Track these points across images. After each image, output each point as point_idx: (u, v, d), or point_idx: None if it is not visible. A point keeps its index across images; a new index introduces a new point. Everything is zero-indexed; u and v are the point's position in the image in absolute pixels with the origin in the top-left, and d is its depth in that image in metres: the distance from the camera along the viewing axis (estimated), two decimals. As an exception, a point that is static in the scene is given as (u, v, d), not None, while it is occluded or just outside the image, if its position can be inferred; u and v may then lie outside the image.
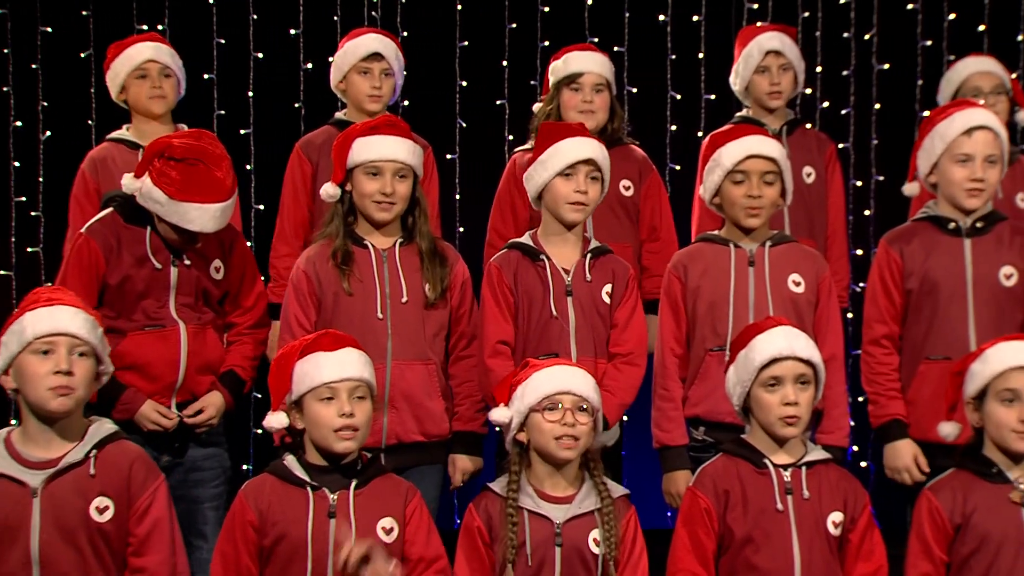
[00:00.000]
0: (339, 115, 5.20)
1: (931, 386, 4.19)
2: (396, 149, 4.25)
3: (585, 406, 3.74)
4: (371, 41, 5.11)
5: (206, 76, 6.13)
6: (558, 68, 5.12)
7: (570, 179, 4.26)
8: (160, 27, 6.05)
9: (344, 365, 3.72)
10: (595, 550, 3.72)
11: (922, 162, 4.33)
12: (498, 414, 3.82)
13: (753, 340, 3.77)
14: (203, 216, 4.14)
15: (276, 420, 3.77)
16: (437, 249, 4.32)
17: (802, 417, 3.72)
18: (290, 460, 3.76)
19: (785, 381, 3.72)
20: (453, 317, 4.33)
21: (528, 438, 3.77)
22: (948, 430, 3.85)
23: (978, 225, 4.28)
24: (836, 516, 3.74)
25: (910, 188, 4.48)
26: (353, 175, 4.26)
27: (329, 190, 4.30)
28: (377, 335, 4.15)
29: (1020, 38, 6.20)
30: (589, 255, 4.32)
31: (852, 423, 5.81)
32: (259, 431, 5.81)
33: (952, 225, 4.29)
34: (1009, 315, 4.23)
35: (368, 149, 4.24)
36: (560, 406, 3.72)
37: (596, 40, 6.01)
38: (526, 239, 4.36)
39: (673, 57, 6.34)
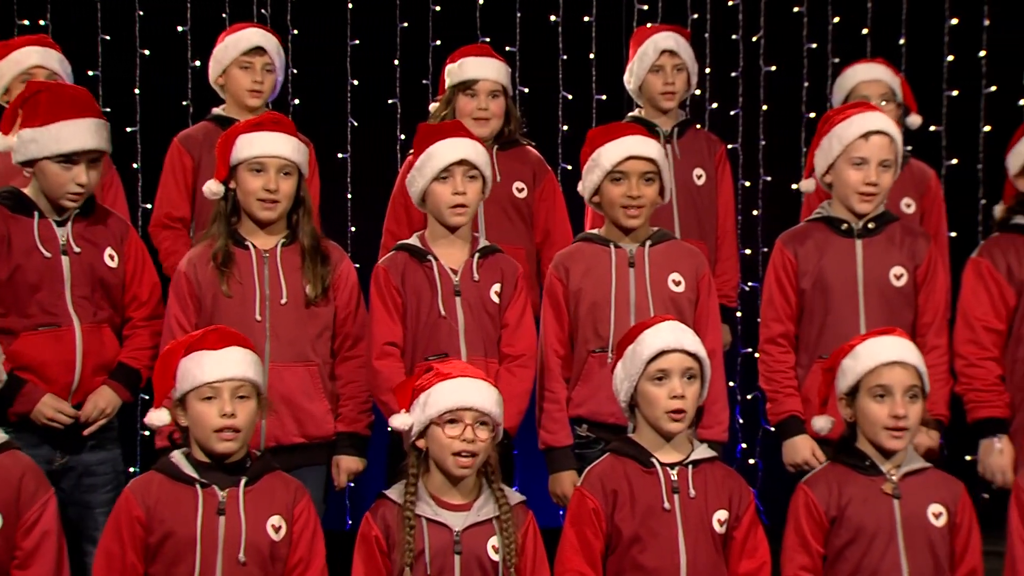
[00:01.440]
0: (218, 110, 5.12)
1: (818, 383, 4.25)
2: (281, 146, 4.22)
3: (486, 420, 3.72)
4: (252, 35, 5.05)
5: (91, 73, 6.02)
6: (454, 72, 5.10)
7: (447, 182, 4.26)
8: (42, 22, 5.93)
9: (227, 364, 3.69)
10: (494, 557, 3.71)
11: (819, 161, 4.39)
12: (399, 420, 3.78)
13: (641, 335, 3.80)
14: (78, 132, 4.12)
15: (157, 417, 3.74)
16: (319, 247, 4.28)
17: (688, 412, 3.76)
18: (178, 457, 3.72)
19: (672, 374, 3.75)
20: (338, 317, 4.30)
21: (427, 447, 3.75)
22: (821, 424, 3.92)
23: (870, 226, 4.35)
24: (721, 514, 3.77)
25: (806, 185, 4.54)
26: (237, 172, 4.22)
27: (212, 187, 4.25)
28: (256, 337, 4.10)
29: (902, 41, 6.32)
30: (477, 255, 4.32)
31: (740, 420, 5.91)
32: (146, 433, 5.71)
33: (845, 226, 4.35)
34: (899, 314, 4.30)
35: (252, 145, 4.21)
36: (460, 421, 3.70)
37: (488, 40, 6.00)
38: (414, 240, 4.36)
39: (564, 57, 6.36)
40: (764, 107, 6.41)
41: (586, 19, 6.35)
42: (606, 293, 4.28)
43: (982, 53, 6.30)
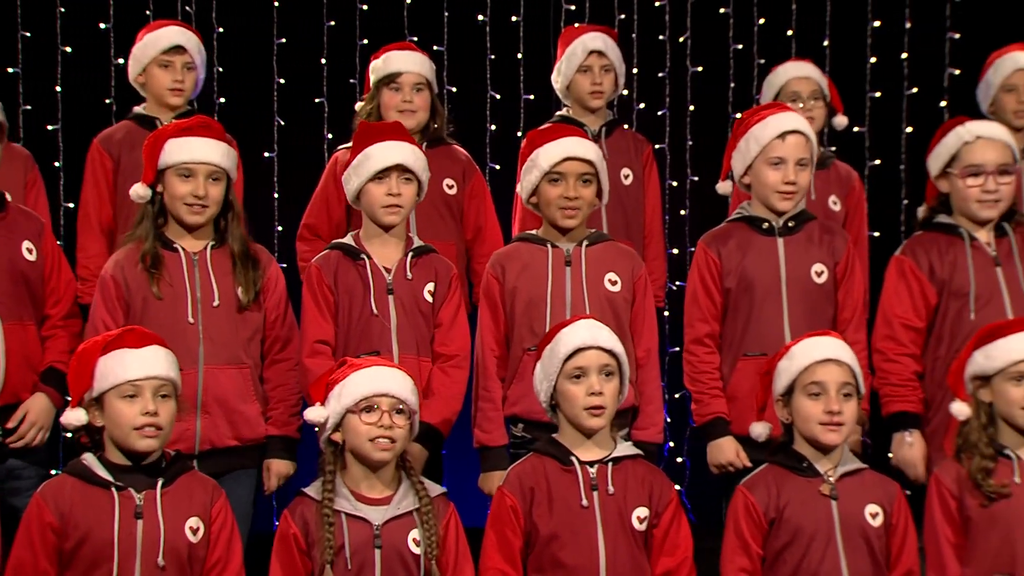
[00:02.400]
0: (139, 109, 5.07)
1: (749, 382, 4.28)
2: (210, 152, 4.19)
3: (402, 408, 3.72)
4: (172, 33, 5.00)
5: (11, 70, 5.92)
6: (378, 67, 5.10)
7: (383, 183, 4.26)
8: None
9: (149, 363, 3.66)
10: (415, 550, 3.70)
11: (736, 163, 4.43)
12: (313, 413, 3.77)
13: (558, 334, 3.82)
14: None
15: (74, 417, 3.69)
16: (249, 252, 4.26)
17: (607, 408, 3.77)
18: (90, 459, 3.67)
19: (590, 371, 3.77)
20: (267, 320, 4.28)
21: (343, 439, 3.73)
22: (759, 430, 3.94)
23: (790, 225, 4.39)
24: (641, 511, 3.78)
25: (723, 187, 4.59)
26: (164, 176, 4.19)
27: (139, 191, 4.20)
28: (188, 339, 4.08)
29: (826, 43, 6.39)
30: (411, 254, 4.32)
31: (668, 419, 5.94)
32: (68, 435, 5.63)
33: (766, 225, 4.39)
34: (820, 311, 4.35)
35: (181, 151, 4.17)
36: (377, 408, 3.69)
37: (416, 39, 5.99)
38: (348, 239, 4.35)
39: (492, 57, 6.36)
40: (691, 107, 6.45)
41: (514, 19, 6.36)
42: (542, 292, 4.29)
43: (904, 55, 6.38)
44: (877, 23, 6.39)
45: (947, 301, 4.29)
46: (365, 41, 6.16)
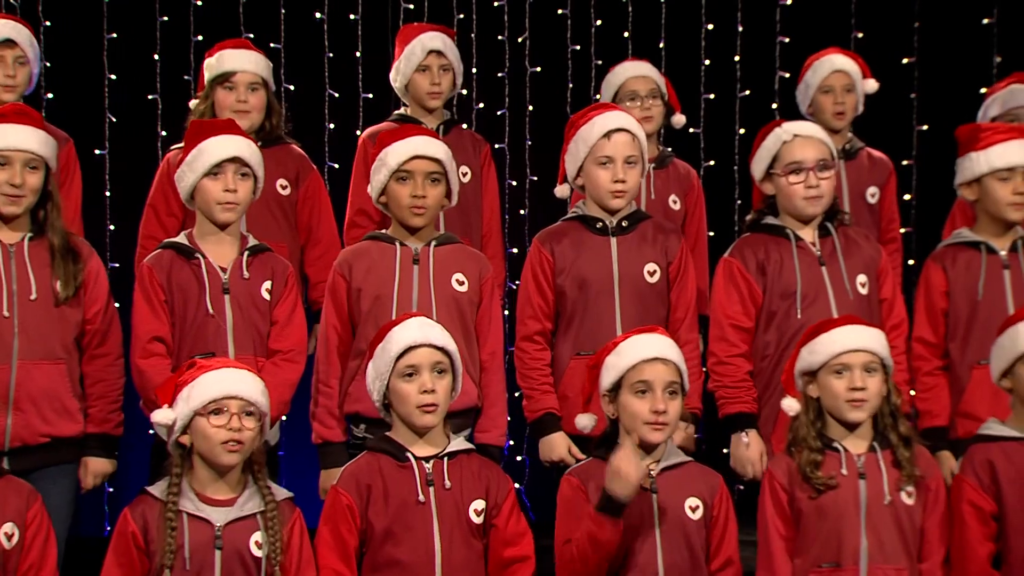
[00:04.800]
0: (-30, 105, 4.91)
1: (581, 380, 4.31)
2: (26, 139, 4.09)
3: (252, 410, 3.67)
4: (2, 27, 4.88)
5: None
6: (212, 65, 5.02)
7: (218, 179, 4.20)
8: None
9: None
10: (257, 553, 3.66)
11: (569, 165, 4.47)
12: (161, 415, 3.70)
13: (389, 332, 3.81)
14: None
15: None
16: (70, 245, 4.16)
17: (440, 405, 3.77)
18: None
19: (422, 369, 3.76)
20: (87, 315, 4.19)
21: (191, 441, 3.67)
22: (585, 422, 3.97)
23: (624, 224, 4.44)
24: (478, 504, 3.79)
25: (560, 190, 4.63)
26: None
27: None
28: (3, 333, 3.99)
29: (662, 45, 6.49)
30: (247, 253, 4.28)
31: (508, 418, 5.96)
32: None
33: (599, 224, 4.44)
34: (653, 311, 4.40)
35: None
36: (226, 410, 3.64)
37: (252, 36, 5.91)
38: (181, 238, 4.29)
39: (331, 55, 6.32)
40: (530, 107, 6.50)
41: (352, 17, 6.32)
42: (389, 290, 4.27)
43: (736, 58, 6.52)
44: (710, 26, 6.52)
45: (775, 301, 4.38)
46: (200, 37, 6.08)
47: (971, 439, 4.03)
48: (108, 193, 6.06)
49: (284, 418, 4.67)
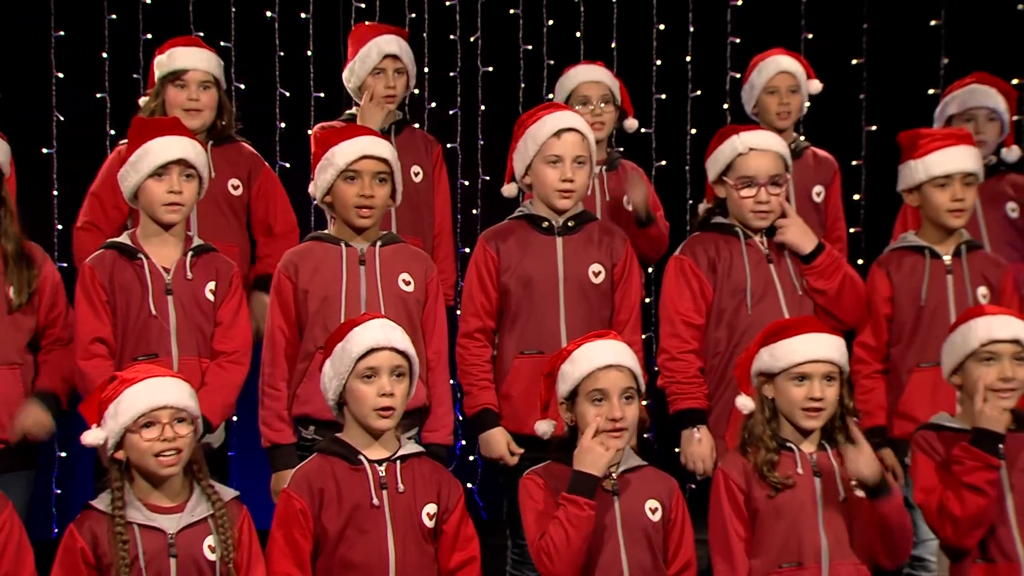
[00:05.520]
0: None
1: (524, 380, 4.33)
2: None
3: (183, 416, 3.64)
4: None
5: None
6: (163, 63, 4.99)
7: (163, 180, 4.18)
8: None
9: None
10: (211, 557, 3.63)
11: (517, 164, 4.48)
12: (91, 437, 3.63)
13: (350, 332, 3.78)
14: None
15: None
16: (23, 251, 4.12)
17: (397, 409, 3.75)
18: None
19: (381, 372, 3.75)
20: (45, 320, 4.17)
21: (127, 456, 3.63)
22: (544, 428, 3.95)
23: (570, 224, 4.45)
24: (431, 508, 3.78)
25: (508, 189, 4.64)
26: None
27: None
28: None
29: (614, 45, 6.51)
30: (191, 253, 4.25)
31: (460, 418, 5.96)
32: None
33: (545, 224, 4.44)
34: (598, 311, 4.42)
35: None
36: (157, 422, 3.60)
37: (202, 35, 5.87)
38: (124, 238, 4.27)
39: (282, 54, 6.29)
40: (482, 107, 6.49)
41: (303, 16, 6.29)
42: (337, 290, 4.26)
43: (688, 58, 6.54)
44: (662, 26, 6.54)
45: (725, 298, 4.40)
46: (149, 36, 6.03)
47: (919, 427, 4.07)
48: (56, 192, 6.00)
49: (234, 419, 4.65)
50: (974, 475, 3.81)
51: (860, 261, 6.01)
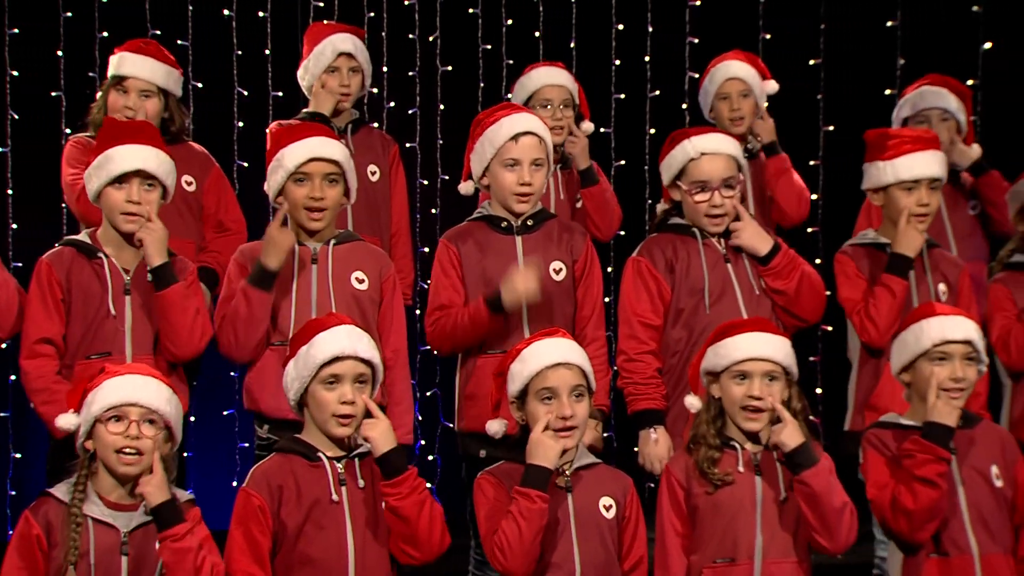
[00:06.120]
0: None
1: (489, 380, 4.30)
2: None
3: (153, 418, 3.63)
4: None
5: None
6: (112, 64, 4.99)
7: (122, 189, 4.17)
8: None
9: None
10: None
11: (475, 166, 4.47)
12: (64, 420, 3.66)
13: (315, 337, 3.76)
14: None
15: None
16: None
17: (357, 416, 3.74)
18: None
19: (344, 380, 3.73)
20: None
21: (95, 447, 3.63)
22: (495, 428, 3.95)
23: (529, 223, 4.44)
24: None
25: (464, 188, 4.62)
26: None
27: None
28: None
29: (573, 44, 6.51)
30: (151, 256, 4.23)
31: (420, 418, 5.95)
32: None
33: (504, 224, 4.44)
34: (560, 308, 4.42)
35: None
36: (125, 417, 3.60)
37: (158, 33, 5.84)
38: (83, 237, 4.25)
39: (239, 53, 6.25)
40: (441, 107, 6.48)
41: (261, 14, 6.26)
42: (287, 287, 4.25)
43: (647, 58, 6.55)
44: (621, 26, 6.55)
45: (683, 298, 4.41)
46: (105, 34, 5.99)
47: (869, 425, 4.11)
48: (10, 192, 5.94)
49: (192, 419, 4.63)
50: (925, 468, 3.84)
51: (818, 261, 6.04)
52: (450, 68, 6.49)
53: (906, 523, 3.89)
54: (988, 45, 6.30)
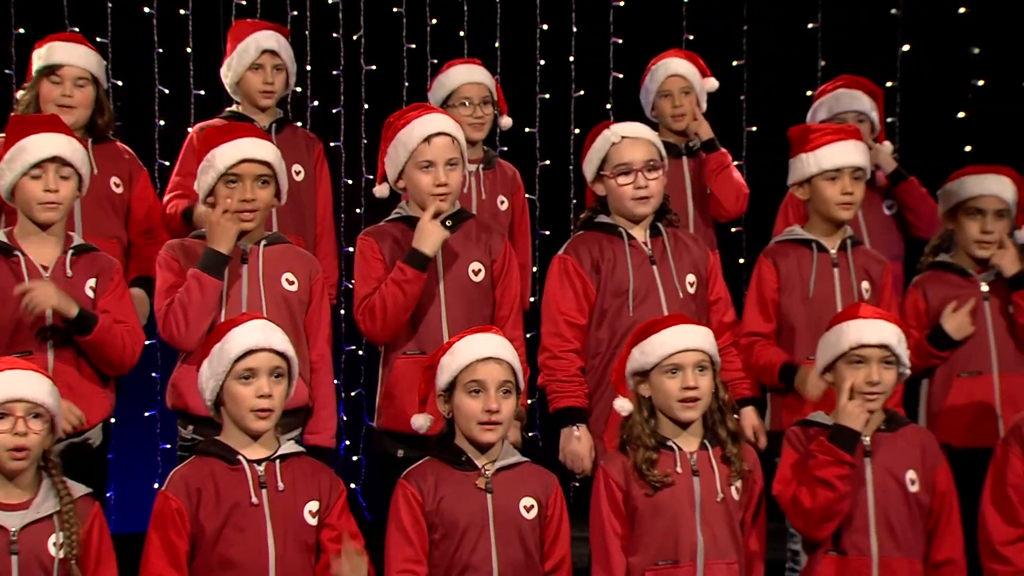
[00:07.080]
0: None
1: (407, 380, 4.30)
2: None
3: (39, 412, 3.58)
4: None
5: None
6: (41, 56, 4.91)
7: (39, 179, 4.11)
8: None
9: None
10: (54, 554, 3.57)
11: (390, 169, 4.45)
12: None
13: (229, 333, 3.75)
14: None
15: None
16: None
17: (275, 410, 3.72)
18: None
19: (260, 373, 3.72)
20: None
21: None
22: (421, 422, 3.96)
23: (447, 223, 4.41)
24: (312, 505, 3.76)
25: (380, 190, 4.58)
26: None
27: None
28: None
29: (497, 44, 6.51)
30: (71, 252, 4.20)
31: (344, 418, 5.93)
32: None
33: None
34: (479, 309, 4.42)
35: None
36: (10, 414, 3.54)
37: (77, 30, 5.76)
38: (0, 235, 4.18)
39: (160, 51, 6.19)
40: (365, 106, 6.46)
41: (182, 12, 6.21)
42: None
43: (571, 58, 6.58)
44: (545, 26, 6.56)
45: (607, 298, 4.42)
46: (22, 30, 5.89)
47: (794, 423, 4.15)
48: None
49: (112, 420, 4.57)
50: (825, 469, 3.88)
51: (741, 260, 6.10)
52: (374, 67, 6.48)
53: (802, 521, 3.95)
54: (907, 47, 6.39)
